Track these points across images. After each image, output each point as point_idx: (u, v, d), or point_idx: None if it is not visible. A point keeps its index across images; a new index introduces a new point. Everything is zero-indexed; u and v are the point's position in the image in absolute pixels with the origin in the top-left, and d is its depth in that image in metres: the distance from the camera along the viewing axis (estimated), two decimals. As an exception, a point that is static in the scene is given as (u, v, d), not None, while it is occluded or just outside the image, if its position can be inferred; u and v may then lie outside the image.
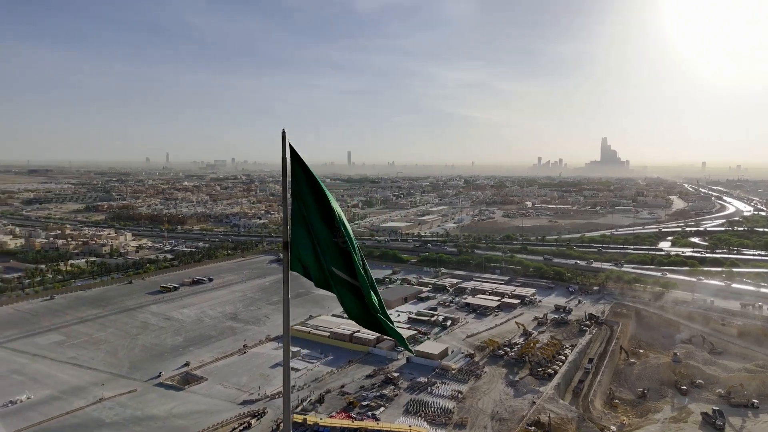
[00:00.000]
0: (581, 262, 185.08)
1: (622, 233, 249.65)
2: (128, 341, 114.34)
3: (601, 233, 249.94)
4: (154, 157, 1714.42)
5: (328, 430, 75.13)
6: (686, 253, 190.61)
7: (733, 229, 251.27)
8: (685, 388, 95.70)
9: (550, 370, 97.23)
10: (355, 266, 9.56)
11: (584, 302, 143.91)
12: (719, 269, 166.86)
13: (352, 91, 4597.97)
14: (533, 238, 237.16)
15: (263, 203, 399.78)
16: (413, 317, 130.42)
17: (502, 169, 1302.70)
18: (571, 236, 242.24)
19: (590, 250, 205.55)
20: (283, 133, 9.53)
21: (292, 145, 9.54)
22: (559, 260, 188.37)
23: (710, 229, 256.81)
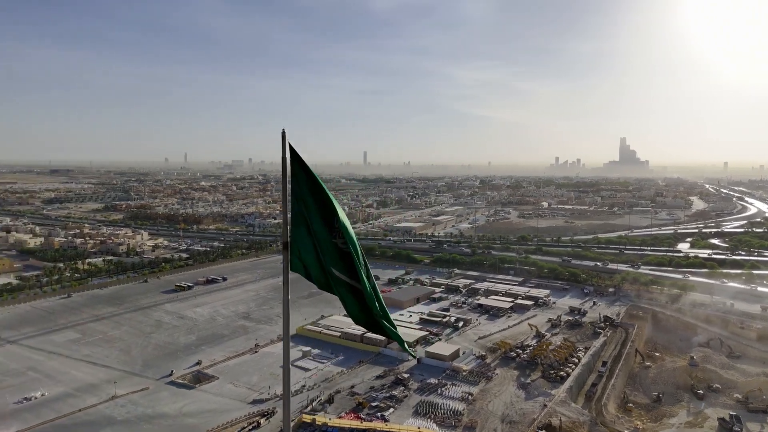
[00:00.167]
0: (598, 263, 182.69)
1: (638, 234, 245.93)
2: (142, 339, 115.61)
3: (617, 234, 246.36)
4: (172, 157, 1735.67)
5: (336, 430, 74.87)
6: (705, 254, 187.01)
7: (753, 230, 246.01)
8: (701, 392, 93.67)
9: (562, 372, 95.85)
10: (356, 268, 9.53)
11: (599, 304, 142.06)
12: (739, 271, 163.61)
13: (368, 91, 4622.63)
14: (548, 239, 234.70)
15: (278, 203, 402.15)
16: (425, 318, 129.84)
17: (518, 169, 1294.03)
18: (586, 237, 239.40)
19: (607, 251, 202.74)
20: (282, 133, 9.55)
21: (292, 145, 9.57)
22: (576, 262, 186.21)
23: (730, 230, 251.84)
